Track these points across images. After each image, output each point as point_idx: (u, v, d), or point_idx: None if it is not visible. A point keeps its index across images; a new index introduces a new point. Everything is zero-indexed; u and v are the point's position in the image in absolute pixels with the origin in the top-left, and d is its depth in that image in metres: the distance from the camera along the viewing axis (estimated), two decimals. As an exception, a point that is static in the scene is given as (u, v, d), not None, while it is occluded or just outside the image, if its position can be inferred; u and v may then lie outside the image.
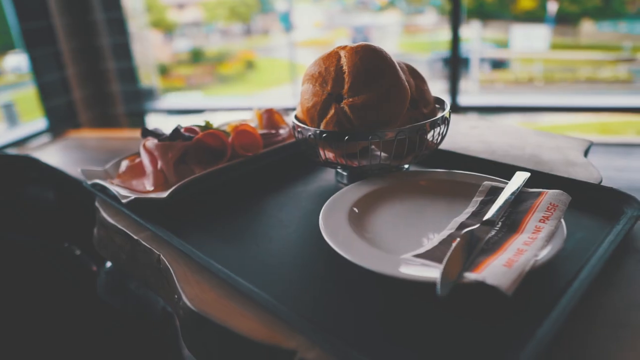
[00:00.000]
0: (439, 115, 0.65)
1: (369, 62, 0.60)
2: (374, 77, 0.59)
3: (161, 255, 0.57)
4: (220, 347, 0.46)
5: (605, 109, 3.18)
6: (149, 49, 3.38)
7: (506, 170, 0.67)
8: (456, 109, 2.96)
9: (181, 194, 0.68)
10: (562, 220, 0.53)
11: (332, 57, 0.62)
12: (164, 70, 10.00)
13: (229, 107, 3.55)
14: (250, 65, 10.89)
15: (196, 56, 11.08)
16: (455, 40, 2.82)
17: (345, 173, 0.71)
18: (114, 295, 0.87)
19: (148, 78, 3.33)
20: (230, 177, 0.74)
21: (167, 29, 11.12)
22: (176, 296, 0.51)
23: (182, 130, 0.78)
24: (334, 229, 0.53)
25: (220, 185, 0.74)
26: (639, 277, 0.48)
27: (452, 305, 0.44)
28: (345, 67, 0.61)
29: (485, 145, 0.86)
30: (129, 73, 3.09)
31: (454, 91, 2.90)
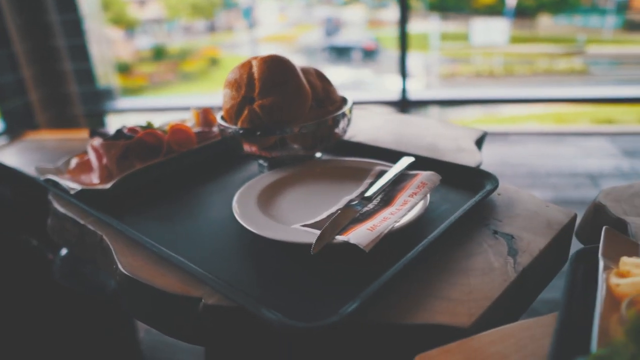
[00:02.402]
0: (340, 111, 0.78)
1: (275, 70, 0.72)
2: (279, 83, 0.71)
3: (103, 235, 0.68)
4: (150, 301, 0.58)
5: (561, 99, 3.39)
6: (107, 49, 3.41)
7: (399, 157, 0.81)
8: (406, 104, 3.11)
9: (123, 186, 0.78)
10: (428, 195, 0.66)
11: (246, 66, 0.74)
12: (125, 69, 9.88)
13: (190, 106, 3.60)
14: (213, 62, 10.88)
15: (158, 53, 10.98)
16: (403, 36, 2.97)
17: (265, 164, 0.83)
18: (69, 278, 0.97)
19: (107, 78, 3.36)
20: (167, 170, 0.85)
21: (128, 26, 10.98)
22: (114, 266, 0.63)
23: (124, 130, 0.89)
24: (244, 208, 0.66)
25: (159, 177, 0.85)
26: (480, 235, 0.62)
27: (329, 261, 0.57)
28: (255, 74, 0.73)
29: (393, 136, 1.00)
30: (87, 74, 3.13)
31: (403, 87, 3.05)
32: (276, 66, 0.72)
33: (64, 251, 1.02)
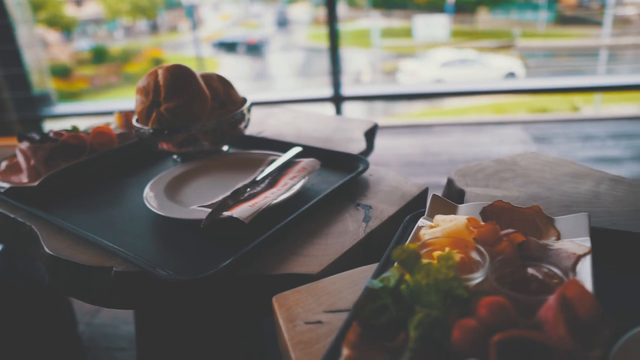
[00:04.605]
0: (238, 110, 0.92)
1: (177, 77, 0.85)
2: (180, 88, 0.85)
3: (32, 226, 0.79)
4: (71, 275, 0.70)
5: (499, 91, 3.65)
6: (41, 53, 3.39)
7: (291, 147, 0.96)
8: (340, 99, 3.28)
9: (50, 183, 0.89)
10: (307, 178, 0.81)
11: (153, 74, 0.87)
12: (64, 72, 9.60)
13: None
14: (157, 63, 10.75)
15: (99, 55, 10.72)
16: (333, 34, 3.12)
17: (179, 159, 0.96)
18: (6, 273, 1.06)
19: (42, 83, 3.34)
20: (90, 168, 0.96)
21: (65, 27, 10.63)
22: (42, 250, 0.74)
23: (50, 134, 0.99)
24: (153, 195, 0.79)
25: (83, 175, 0.96)
26: (345, 207, 0.78)
27: (220, 232, 0.71)
28: (161, 82, 0.85)
29: (296, 131, 1.14)
30: (21, 79, 3.11)
31: (335, 83, 3.21)
32: (178, 74, 0.85)
33: (-1, 248, 1.11)
